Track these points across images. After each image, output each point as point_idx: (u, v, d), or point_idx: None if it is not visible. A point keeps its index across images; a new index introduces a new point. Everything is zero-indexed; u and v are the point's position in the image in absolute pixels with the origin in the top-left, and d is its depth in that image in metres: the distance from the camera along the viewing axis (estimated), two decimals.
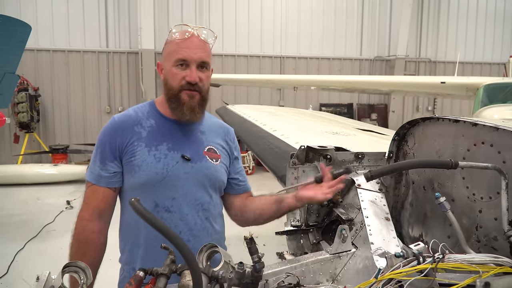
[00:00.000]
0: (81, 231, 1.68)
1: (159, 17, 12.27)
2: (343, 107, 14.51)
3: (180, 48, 1.63)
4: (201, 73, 1.66)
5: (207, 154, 1.77)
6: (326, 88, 11.91)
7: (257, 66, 13.46)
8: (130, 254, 1.76)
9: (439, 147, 1.70)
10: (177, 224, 1.70)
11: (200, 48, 1.65)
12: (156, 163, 1.66)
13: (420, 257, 1.19)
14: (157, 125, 1.73)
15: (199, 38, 1.66)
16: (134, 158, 1.66)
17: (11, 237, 5.71)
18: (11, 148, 11.34)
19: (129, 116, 1.73)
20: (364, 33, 14.58)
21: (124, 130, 1.69)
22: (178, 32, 1.66)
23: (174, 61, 1.64)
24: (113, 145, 1.68)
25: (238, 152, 1.96)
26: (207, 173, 1.75)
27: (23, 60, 11.11)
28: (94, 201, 1.70)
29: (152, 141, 1.69)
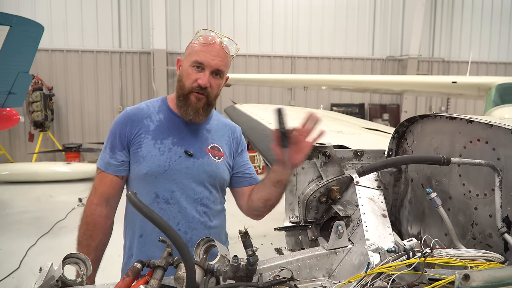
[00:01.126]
0: (89, 215, 1.78)
1: (171, 17, 12.38)
2: (354, 107, 14.43)
3: (201, 51, 1.69)
4: (213, 80, 1.72)
5: (210, 152, 1.83)
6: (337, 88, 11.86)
7: (268, 66, 13.47)
8: (130, 242, 1.85)
9: (436, 144, 1.71)
10: (175, 216, 1.77)
11: (219, 56, 1.70)
12: (160, 155, 1.74)
13: (410, 252, 1.20)
14: (166, 120, 1.81)
15: (222, 47, 1.71)
16: (140, 149, 1.75)
17: (24, 233, 5.83)
18: (26, 146, 11.56)
19: (141, 109, 1.83)
20: (376, 33, 14.48)
21: (134, 122, 1.78)
22: (203, 36, 1.71)
23: (192, 61, 1.70)
24: (123, 135, 1.77)
25: (244, 147, 2.01)
26: (208, 169, 1.80)
27: (38, 60, 11.37)
28: (102, 187, 1.80)
29: (159, 134, 1.77)
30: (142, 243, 1.80)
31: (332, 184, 1.90)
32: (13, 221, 6.45)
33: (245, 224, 1.47)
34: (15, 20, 4.97)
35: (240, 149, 1.98)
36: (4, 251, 5.14)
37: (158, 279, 1.33)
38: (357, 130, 3.46)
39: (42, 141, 11.08)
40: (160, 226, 1.26)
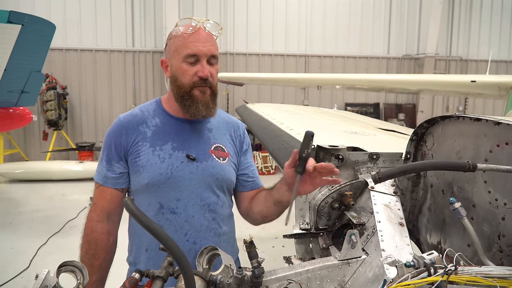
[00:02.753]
0: (90, 233, 1.68)
1: (184, 16, 12.35)
2: (369, 107, 14.21)
3: (189, 42, 1.57)
4: (211, 68, 1.61)
5: (213, 153, 1.71)
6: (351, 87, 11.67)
7: (282, 65, 13.35)
8: (136, 255, 1.74)
9: (459, 147, 1.58)
10: (182, 226, 1.66)
11: (208, 41, 1.60)
12: (160, 163, 1.62)
13: (431, 268, 1.09)
14: (162, 124, 1.69)
15: (206, 31, 1.61)
16: (139, 158, 1.63)
17: (35, 232, 5.84)
18: (40, 145, 11.67)
19: (135, 115, 1.70)
20: (392, 31, 14.22)
21: (129, 130, 1.65)
22: (184, 26, 1.60)
23: (184, 56, 1.58)
24: (119, 145, 1.65)
25: (248, 146, 1.90)
26: (213, 172, 1.69)
27: (52, 59, 11.47)
28: (102, 202, 1.69)
29: (157, 140, 1.65)
30: (149, 257, 1.69)
31: (345, 189, 1.79)
32: (25, 220, 6.48)
33: (251, 233, 1.37)
34: (27, 19, 4.97)
35: (245, 148, 1.86)
36: (14, 250, 5.15)
37: None
38: (372, 130, 3.33)
39: (56, 139, 11.16)
40: (157, 235, 1.18)
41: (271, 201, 1.64)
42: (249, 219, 1.85)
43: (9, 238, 5.65)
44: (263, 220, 1.77)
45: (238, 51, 12.99)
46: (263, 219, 1.74)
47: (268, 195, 1.66)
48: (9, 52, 5.25)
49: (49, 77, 10.99)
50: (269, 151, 3.06)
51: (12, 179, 9.23)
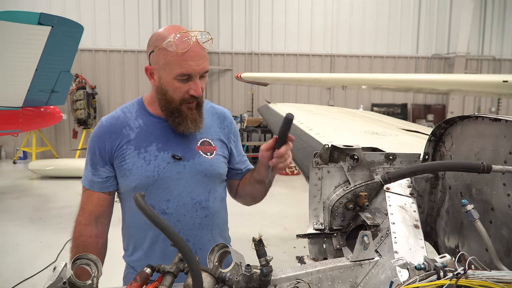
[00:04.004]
0: (79, 236, 1.68)
1: (209, 18, 12.46)
2: (397, 107, 13.96)
3: (182, 61, 1.51)
4: (202, 83, 1.61)
5: (200, 149, 1.71)
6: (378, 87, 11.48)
7: (307, 65, 13.29)
8: (133, 254, 1.74)
9: (478, 149, 1.53)
10: (175, 225, 1.66)
11: (202, 58, 1.55)
12: (146, 166, 1.62)
13: (440, 271, 1.06)
14: (146, 125, 1.67)
15: (199, 45, 1.54)
16: (125, 162, 1.63)
17: (63, 227, 6.01)
18: (70, 143, 12.04)
19: (117, 118, 1.68)
20: (421, 29, 13.92)
21: (112, 134, 1.64)
22: (177, 42, 1.50)
23: (176, 74, 1.54)
24: (103, 149, 1.64)
25: (236, 135, 1.91)
26: (201, 169, 1.69)
27: (82, 59, 11.81)
28: (89, 206, 1.68)
29: (141, 142, 1.64)
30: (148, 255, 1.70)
31: (360, 189, 1.76)
32: (55, 215, 6.69)
33: (260, 231, 1.38)
34: (56, 20, 5.13)
35: (233, 137, 1.87)
36: (43, 244, 5.32)
37: (167, 285, 1.26)
38: (394, 131, 3.27)
39: (85, 138, 11.48)
40: (166, 232, 1.19)
41: (254, 182, 1.73)
42: (240, 201, 1.94)
43: (39, 232, 5.85)
44: (252, 201, 1.88)
45: (263, 51, 13.01)
46: (253, 199, 1.85)
47: (251, 177, 1.77)
48: (40, 52, 5.46)
49: (79, 77, 11.33)
50: None
51: (43, 176, 9.54)
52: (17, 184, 8.95)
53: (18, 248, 5.21)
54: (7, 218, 6.49)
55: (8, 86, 6.00)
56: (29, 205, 7.33)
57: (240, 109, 12.79)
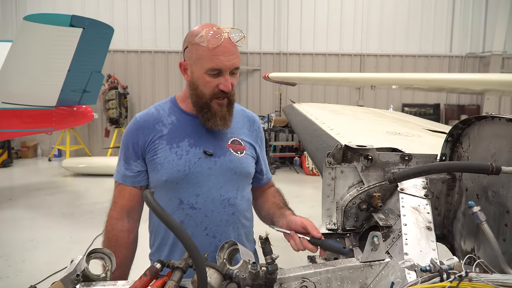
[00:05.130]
0: (111, 230, 1.73)
1: (238, 18, 12.54)
2: (429, 108, 13.58)
3: (213, 55, 1.55)
4: (232, 79, 1.63)
5: (231, 147, 1.74)
6: (409, 87, 11.20)
7: (336, 65, 13.15)
8: (158, 251, 1.78)
9: (494, 150, 1.48)
10: (202, 221, 1.69)
11: (232, 54, 1.58)
12: (178, 160, 1.65)
13: (444, 273, 1.04)
14: (178, 121, 1.72)
15: (231, 41, 1.57)
16: (157, 156, 1.67)
17: (93, 222, 6.21)
18: (102, 141, 12.40)
19: (151, 115, 1.73)
20: (455, 27, 13.48)
21: (145, 129, 1.69)
22: (209, 38, 1.55)
23: (206, 69, 1.57)
24: (136, 144, 1.69)
25: (262, 139, 1.93)
26: (231, 166, 1.72)
27: (114, 60, 12.14)
28: (121, 200, 1.72)
29: (174, 138, 1.68)
30: (173, 252, 1.74)
31: (374, 190, 1.74)
32: (85, 211, 6.92)
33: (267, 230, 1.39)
34: (87, 22, 5.31)
35: (260, 143, 1.90)
36: (73, 239, 5.52)
37: (175, 280, 1.30)
38: (418, 132, 3.20)
39: (116, 137, 11.81)
40: (172, 228, 1.22)
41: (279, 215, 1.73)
42: (257, 214, 1.95)
43: (69, 227, 6.06)
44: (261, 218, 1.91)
45: (291, 51, 12.97)
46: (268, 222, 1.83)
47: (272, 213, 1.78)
48: (72, 54, 5.66)
49: (111, 78, 11.65)
50: (307, 151, 3.05)
51: (76, 173, 9.88)
52: (51, 181, 9.31)
53: (49, 242, 5.42)
54: (40, 213, 6.76)
55: (42, 86, 6.26)
56: (62, 201, 7.61)
57: (268, 109, 12.80)
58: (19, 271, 4.49)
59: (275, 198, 1.90)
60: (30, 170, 10.75)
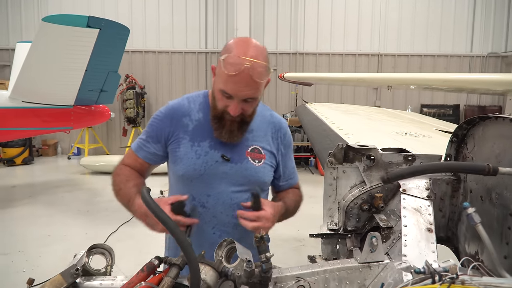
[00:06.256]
0: (120, 168, 1.79)
1: (255, 19, 12.54)
2: (448, 109, 13.31)
3: (228, 81, 1.53)
4: (245, 104, 1.61)
5: (249, 155, 1.76)
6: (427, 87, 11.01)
7: (353, 65, 13.01)
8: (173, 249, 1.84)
9: (498, 150, 1.45)
10: (210, 220, 1.73)
11: (247, 86, 1.54)
12: (196, 159, 1.70)
13: (436, 275, 1.02)
14: (205, 120, 1.75)
15: (250, 75, 1.51)
16: (178, 149, 1.72)
17: (108, 219, 6.30)
18: (120, 140, 12.58)
19: (182, 106, 1.78)
20: (475, 26, 13.17)
21: (173, 120, 1.74)
22: (229, 66, 1.51)
23: (220, 89, 1.58)
24: (160, 130, 1.75)
25: (289, 145, 1.93)
26: (246, 174, 1.74)
27: (132, 60, 12.30)
28: (129, 161, 1.81)
29: (196, 136, 1.73)
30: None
31: (376, 191, 1.73)
32: (102, 208, 7.03)
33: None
34: (104, 23, 5.40)
35: (284, 149, 1.88)
36: (89, 235, 5.62)
37: (172, 277, 1.31)
38: (429, 132, 3.14)
39: (134, 136, 11.96)
40: (167, 225, 1.24)
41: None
42: None
43: (85, 224, 6.18)
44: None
45: (308, 50, 12.91)
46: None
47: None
48: (89, 54, 5.77)
49: (129, 77, 11.81)
50: (315, 151, 3.03)
51: (94, 171, 10.06)
52: (70, 179, 9.50)
53: (65, 238, 5.53)
54: (58, 210, 6.91)
55: (60, 86, 6.39)
56: (79, 198, 7.76)
57: (284, 109, 12.77)
58: (35, 265, 4.60)
59: (287, 193, 1.91)
60: (50, 168, 10.99)
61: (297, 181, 2.00)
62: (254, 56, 1.51)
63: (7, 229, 5.89)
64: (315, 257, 1.72)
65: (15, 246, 5.19)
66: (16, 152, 10.85)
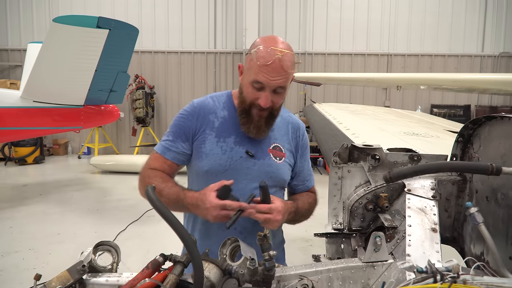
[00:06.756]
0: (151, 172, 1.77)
1: (264, 17, 12.56)
2: (459, 109, 13.18)
3: (260, 71, 1.61)
4: (275, 96, 1.68)
5: (271, 152, 1.81)
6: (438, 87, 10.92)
7: (362, 65, 12.96)
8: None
9: (504, 150, 1.44)
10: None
11: (279, 75, 1.62)
12: (222, 154, 1.75)
13: (438, 275, 1.02)
14: (229, 117, 1.81)
15: (281, 64, 1.61)
16: (204, 145, 1.77)
17: (117, 218, 6.37)
18: (129, 140, 12.68)
19: (207, 104, 1.83)
20: (487, 26, 13.02)
21: (200, 117, 1.79)
22: (262, 56, 1.61)
23: (251, 80, 1.65)
24: (188, 127, 1.78)
25: (305, 147, 1.98)
26: (268, 170, 1.79)
27: (142, 61, 12.39)
28: (155, 164, 1.79)
29: (222, 132, 1.78)
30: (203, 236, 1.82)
31: (381, 190, 1.72)
32: (111, 207, 7.10)
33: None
34: (113, 24, 5.45)
35: (302, 149, 1.95)
36: (98, 234, 5.67)
37: (176, 274, 1.32)
38: (437, 133, 3.13)
39: (143, 135, 12.05)
40: (170, 223, 1.25)
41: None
42: None
43: (95, 223, 6.24)
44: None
45: (316, 50, 12.88)
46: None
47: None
48: (99, 54, 5.83)
49: (138, 78, 11.90)
50: (321, 150, 3.03)
51: (103, 170, 10.15)
52: (80, 178, 9.60)
53: (75, 236, 5.59)
54: (68, 208, 6.99)
55: (70, 86, 6.47)
56: (89, 197, 7.84)
57: (292, 109, 12.75)
58: (45, 263, 4.66)
59: (301, 195, 1.95)
60: (60, 167, 11.12)
61: (313, 184, 2.05)
62: (284, 48, 1.62)
63: (18, 227, 5.97)
64: (319, 256, 1.73)
65: (26, 243, 5.26)
66: (27, 151, 11.00)
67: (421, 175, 1.55)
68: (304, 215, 1.85)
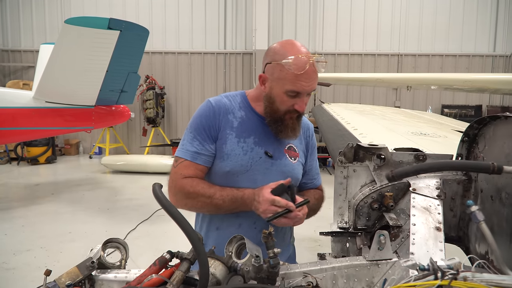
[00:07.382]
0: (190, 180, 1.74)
1: (273, 18, 12.58)
2: (470, 109, 13.04)
3: (296, 80, 1.63)
4: (306, 99, 1.73)
5: (287, 152, 1.85)
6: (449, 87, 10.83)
7: (372, 65, 12.90)
8: (205, 234, 1.88)
9: (508, 150, 1.45)
10: (252, 215, 1.76)
11: (313, 80, 1.66)
12: (243, 155, 1.76)
13: (438, 272, 1.04)
14: (247, 117, 1.82)
15: (314, 68, 1.64)
16: (225, 145, 1.77)
17: (128, 217, 6.44)
18: (140, 140, 12.79)
19: (224, 103, 1.83)
20: (499, 25, 12.88)
21: (220, 115, 1.79)
22: (295, 65, 1.62)
23: (287, 90, 1.66)
24: (212, 127, 1.77)
25: (314, 147, 2.03)
26: (285, 170, 1.83)
27: (152, 61, 12.50)
28: (189, 172, 1.75)
29: (242, 132, 1.79)
30: (218, 235, 1.83)
31: (386, 190, 1.73)
32: (121, 207, 7.18)
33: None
34: (124, 25, 5.52)
35: (311, 149, 2.00)
36: (108, 233, 5.74)
37: (183, 271, 1.35)
38: (445, 133, 3.12)
39: (153, 136, 12.15)
40: (177, 220, 1.28)
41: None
42: None
43: (105, 222, 6.32)
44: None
45: (326, 51, 12.86)
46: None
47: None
48: (110, 55, 5.91)
49: (149, 78, 12.00)
50: (329, 150, 3.04)
51: (114, 170, 10.26)
52: (91, 177, 9.72)
53: (86, 235, 5.67)
54: (79, 207, 7.08)
55: (82, 87, 6.56)
56: (100, 196, 7.93)
57: None
58: (56, 261, 4.74)
59: (308, 192, 1.99)
60: (72, 167, 11.26)
61: (320, 183, 2.10)
62: (308, 51, 1.67)
63: (30, 226, 6.08)
64: (324, 254, 1.75)
65: (38, 242, 5.35)
66: (39, 151, 11.16)
67: (424, 174, 1.56)
68: (313, 209, 1.91)
